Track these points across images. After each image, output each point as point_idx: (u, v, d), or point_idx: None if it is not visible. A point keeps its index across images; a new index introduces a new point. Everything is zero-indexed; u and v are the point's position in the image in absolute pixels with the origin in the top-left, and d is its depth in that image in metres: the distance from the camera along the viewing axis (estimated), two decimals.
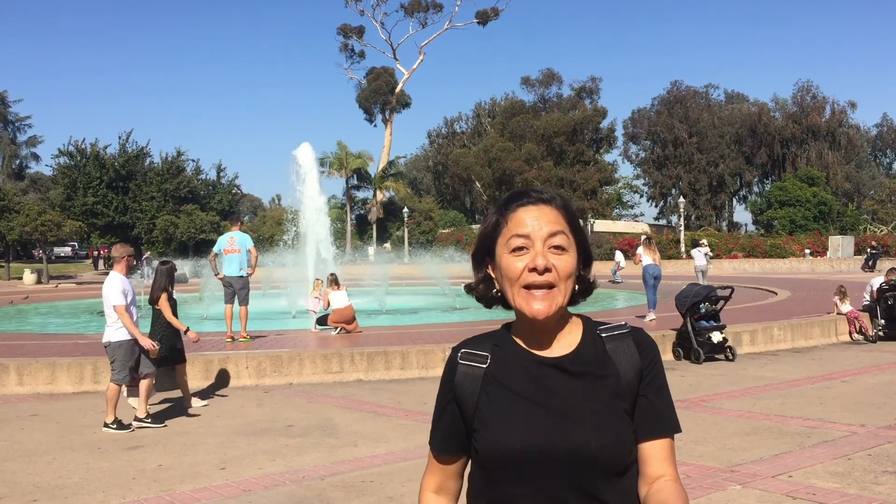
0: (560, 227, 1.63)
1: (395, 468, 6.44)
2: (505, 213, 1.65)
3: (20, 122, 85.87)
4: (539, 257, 1.60)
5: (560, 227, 1.63)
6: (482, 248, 1.71)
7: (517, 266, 1.61)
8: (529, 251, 1.61)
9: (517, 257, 1.62)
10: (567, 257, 1.62)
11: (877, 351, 13.47)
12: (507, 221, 1.64)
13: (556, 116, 72.42)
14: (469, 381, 1.66)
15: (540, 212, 1.63)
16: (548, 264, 1.59)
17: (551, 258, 1.60)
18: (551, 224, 1.62)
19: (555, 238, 1.61)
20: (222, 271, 12.88)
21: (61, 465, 6.76)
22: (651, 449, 1.63)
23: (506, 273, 1.63)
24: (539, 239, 1.61)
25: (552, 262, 1.60)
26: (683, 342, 12.35)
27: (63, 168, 52.40)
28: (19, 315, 22.16)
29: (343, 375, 10.92)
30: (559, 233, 1.62)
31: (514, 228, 1.62)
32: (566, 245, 1.63)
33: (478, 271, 1.74)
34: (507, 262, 1.62)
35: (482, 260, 1.72)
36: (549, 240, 1.61)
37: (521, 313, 1.64)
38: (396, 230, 65.63)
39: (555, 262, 1.60)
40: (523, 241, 1.61)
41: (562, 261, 1.61)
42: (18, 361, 10.53)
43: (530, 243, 1.61)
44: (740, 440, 7.22)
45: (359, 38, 76.26)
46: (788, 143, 78.44)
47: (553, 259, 1.60)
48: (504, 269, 1.63)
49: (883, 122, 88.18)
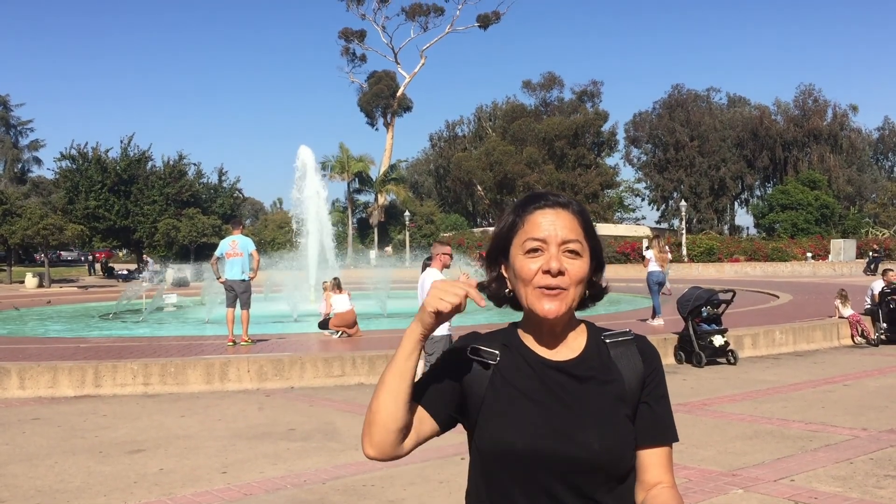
0: (575, 233, 1.64)
1: (397, 472, 6.44)
2: (522, 215, 1.67)
3: (22, 125, 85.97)
4: (553, 260, 1.61)
5: (575, 233, 1.64)
6: (496, 247, 1.72)
7: (531, 268, 1.62)
8: (544, 254, 1.62)
9: (532, 259, 1.63)
10: (580, 262, 1.64)
11: (878, 354, 13.46)
12: (524, 224, 1.65)
13: (558, 120, 72.49)
14: (477, 376, 1.66)
15: (557, 216, 1.64)
16: (561, 267, 1.61)
17: (565, 262, 1.62)
18: (567, 229, 1.63)
19: (570, 243, 1.63)
20: (224, 275, 12.89)
21: (63, 469, 6.75)
22: (650, 457, 1.65)
23: (519, 274, 1.64)
24: (554, 243, 1.62)
25: (565, 265, 1.62)
26: (685, 346, 12.34)
27: (65, 172, 52.42)
28: (20, 318, 22.19)
29: (344, 379, 10.92)
30: (574, 239, 1.63)
31: (531, 231, 1.64)
32: (580, 250, 1.64)
33: (491, 270, 1.75)
34: (522, 263, 1.64)
35: (496, 259, 1.73)
36: (564, 244, 1.62)
37: (532, 313, 1.65)
38: (398, 234, 65.64)
39: (568, 267, 1.62)
40: (539, 244, 1.63)
41: (575, 265, 1.63)
42: (20, 365, 10.54)
43: (545, 246, 1.62)
44: (742, 444, 7.21)
45: (360, 41, 76.35)
46: (790, 147, 78.45)
47: (567, 263, 1.62)
48: (518, 269, 1.64)
49: (885, 125, 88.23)
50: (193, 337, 15.29)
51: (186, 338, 15.06)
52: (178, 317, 22.18)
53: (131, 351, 12.22)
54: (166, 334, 16.53)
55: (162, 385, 10.50)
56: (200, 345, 13.21)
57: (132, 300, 24.02)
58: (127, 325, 19.20)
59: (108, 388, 10.41)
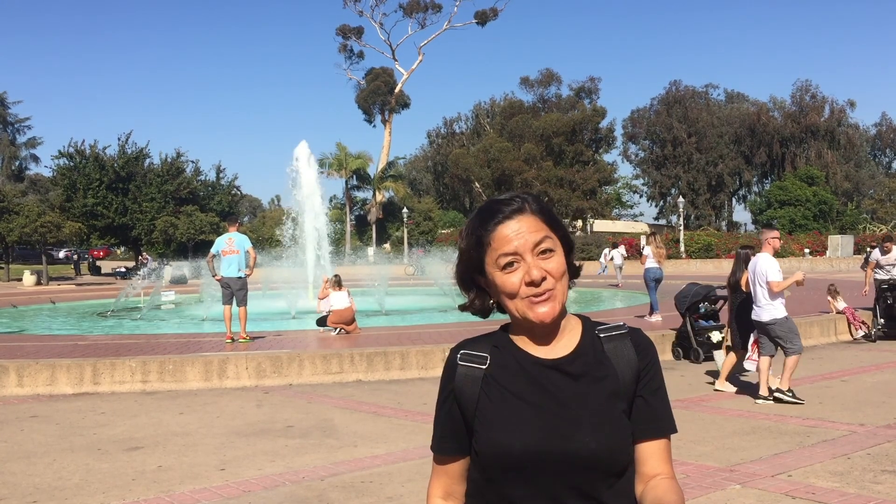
0: (543, 232, 1.63)
1: (395, 468, 6.44)
2: (485, 233, 1.64)
3: (20, 123, 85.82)
4: (533, 269, 1.60)
5: (543, 232, 1.63)
6: (469, 269, 1.70)
7: (513, 282, 1.61)
8: (521, 265, 1.61)
9: (511, 273, 1.61)
10: (557, 257, 1.63)
11: (876, 350, 13.48)
12: (491, 241, 1.63)
13: (556, 116, 72.38)
14: (469, 382, 1.66)
15: (520, 224, 1.62)
16: (543, 274, 1.60)
17: (543, 264, 1.61)
18: (534, 233, 1.62)
19: (541, 244, 1.62)
20: (220, 272, 12.87)
21: (61, 467, 6.76)
22: (648, 449, 1.65)
23: (503, 290, 1.63)
24: (528, 251, 1.61)
25: (545, 267, 1.61)
26: (683, 342, 12.35)
27: (62, 169, 52.30)
28: (20, 316, 22.17)
29: (343, 376, 10.93)
30: (543, 237, 1.62)
31: (500, 247, 1.61)
32: (552, 246, 1.63)
33: (468, 290, 1.73)
34: (502, 280, 1.62)
35: (469, 279, 1.71)
36: (536, 247, 1.61)
37: (526, 319, 1.64)
38: (396, 231, 65.65)
39: (547, 268, 1.61)
40: (512, 257, 1.61)
41: (553, 263, 1.62)
42: (18, 363, 10.53)
43: (519, 258, 1.61)
44: (739, 439, 7.22)
45: (358, 38, 76.29)
46: (787, 143, 78.48)
47: (544, 264, 1.61)
48: (501, 286, 1.63)
49: (882, 121, 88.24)
50: (191, 334, 15.30)
51: (185, 335, 15.06)
52: (176, 314, 22.18)
53: (129, 348, 12.22)
54: (164, 332, 16.52)
55: (160, 382, 10.51)
56: (199, 342, 13.21)
57: (130, 297, 24.02)
58: (124, 323, 19.18)
59: (107, 386, 10.41)
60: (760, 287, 8.92)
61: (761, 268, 8.92)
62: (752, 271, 9.10)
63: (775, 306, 8.88)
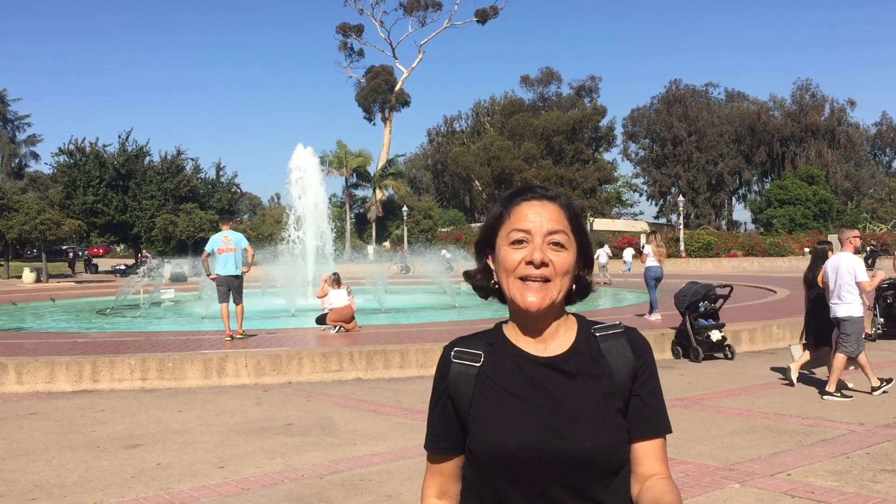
0: (561, 226, 1.64)
1: (394, 466, 6.44)
2: (509, 207, 1.67)
3: (19, 120, 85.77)
4: (536, 251, 1.61)
5: (561, 226, 1.64)
6: (484, 238, 1.73)
7: (514, 258, 1.62)
8: (528, 245, 1.62)
9: (516, 250, 1.63)
10: (565, 255, 1.63)
11: (875, 349, 13.45)
12: (510, 215, 1.66)
13: (556, 115, 72.45)
14: (463, 380, 1.65)
15: (543, 208, 1.64)
16: (545, 259, 1.60)
17: (549, 254, 1.61)
18: (552, 221, 1.63)
19: (555, 235, 1.63)
20: (217, 271, 12.85)
21: (60, 464, 6.75)
22: (644, 449, 1.64)
23: (503, 264, 1.64)
24: (539, 234, 1.62)
25: (550, 257, 1.61)
26: (682, 341, 12.34)
27: (62, 167, 52.30)
28: (19, 313, 22.17)
29: (342, 374, 10.92)
30: (559, 231, 1.63)
31: (516, 222, 1.64)
32: (566, 243, 1.64)
33: (478, 261, 1.76)
34: (506, 253, 1.64)
35: (483, 250, 1.74)
36: (549, 236, 1.62)
37: (515, 305, 1.64)
38: (396, 229, 65.63)
39: (552, 258, 1.61)
40: (523, 234, 1.63)
41: (559, 257, 1.62)
42: (17, 360, 10.53)
43: (530, 238, 1.62)
44: (739, 438, 7.22)
45: (358, 36, 76.26)
46: (787, 142, 78.50)
47: (551, 255, 1.61)
48: (502, 259, 1.65)
49: (882, 120, 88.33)
50: (191, 332, 15.28)
51: (184, 333, 15.05)
52: (175, 312, 22.18)
53: (129, 346, 12.21)
54: (164, 329, 16.51)
55: (159, 380, 10.50)
56: (198, 340, 13.20)
57: (130, 295, 24.02)
58: (123, 321, 19.18)
59: (106, 383, 10.40)
60: (841, 284, 9.02)
61: (847, 266, 9.02)
62: (835, 269, 9.16)
63: (854, 304, 9.00)
